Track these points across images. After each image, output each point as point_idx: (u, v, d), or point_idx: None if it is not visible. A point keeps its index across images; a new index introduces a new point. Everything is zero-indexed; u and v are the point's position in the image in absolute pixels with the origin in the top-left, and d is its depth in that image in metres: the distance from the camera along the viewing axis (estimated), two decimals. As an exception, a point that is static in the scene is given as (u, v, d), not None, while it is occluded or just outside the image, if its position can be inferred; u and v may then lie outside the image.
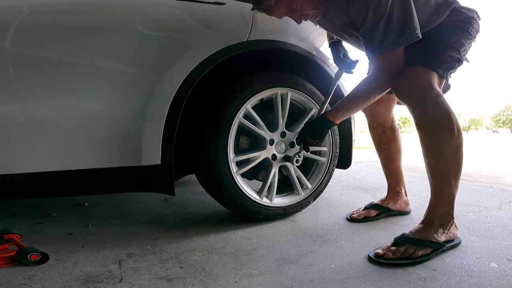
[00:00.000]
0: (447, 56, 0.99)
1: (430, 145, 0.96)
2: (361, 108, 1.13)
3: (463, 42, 1.01)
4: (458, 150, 0.95)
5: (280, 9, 0.97)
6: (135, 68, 1.00)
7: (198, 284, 0.78)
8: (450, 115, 0.93)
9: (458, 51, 1.00)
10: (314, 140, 1.14)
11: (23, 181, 0.93)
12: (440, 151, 0.94)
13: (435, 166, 0.97)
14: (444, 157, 0.95)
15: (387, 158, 1.40)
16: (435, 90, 0.95)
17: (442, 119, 0.93)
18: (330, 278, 0.82)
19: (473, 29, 1.02)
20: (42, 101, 0.92)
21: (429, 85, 0.94)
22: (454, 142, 0.93)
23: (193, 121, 1.17)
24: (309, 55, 1.30)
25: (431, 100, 0.93)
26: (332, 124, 1.11)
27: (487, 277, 0.82)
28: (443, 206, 0.99)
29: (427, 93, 0.94)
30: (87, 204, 1.53)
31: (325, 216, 1.36)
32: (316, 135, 1.13)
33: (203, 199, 1.61)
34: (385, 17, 0.89)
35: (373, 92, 1.04)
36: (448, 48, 0.99)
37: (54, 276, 0.82)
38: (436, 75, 0.97)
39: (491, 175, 2.75)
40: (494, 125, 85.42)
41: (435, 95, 0.94)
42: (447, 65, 0.99)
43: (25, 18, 0.92)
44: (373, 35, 0.93)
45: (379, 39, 0.92)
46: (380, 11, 0.88)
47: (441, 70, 0.98)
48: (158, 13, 1.06)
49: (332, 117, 1.09)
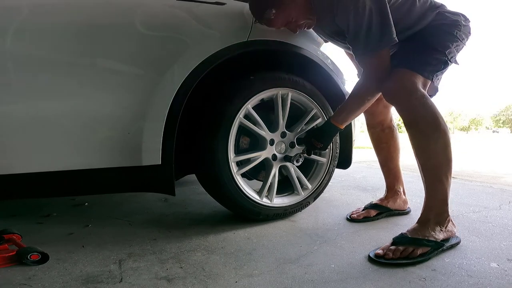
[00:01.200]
0: (433, 59, 1.03)
1: (419, 144, 1.00)
2: (360, 110, 1.16)
3: (449, 45, 1.04)
4: (447, 148, 0.98)
5: (278, 22, 1.08)
6: (135, 68, 1.00)
7: (198, 284, 0.78)
8: (436, 115, 0.97)
9: (444, 54, 1.04)
10: (319, 143, 1.20)
11: (23, 181, 0.93)
12: (429, 149, 0.98)
13: (426, 164, 1.00)
14: (434, 155, 0.98)
15: (385, 157, 1.41)
16: (420, 91, 0.99)
17: (428, 118, 0.97)
18: (330, 278, 0.82)
19: (459, 32, 1.06)
20: (42, 101, 0.92)
21: (414, 86, 0.99)
22: (441, 140, 0.97)
23: (193, 121, 1.17)
24: (310, 56, 1.30)
25: (417, 101, 0.97)
26: (337, 129, 1.18)
27: (487, 277, 0.82)
28: (437, 204, 1.00)
29: (412, 94, 0.98)
30: (87, 204, 1.53)
31: (325, 216, 1.36)
32: (321, 139, 1.20)
33: (203, 199, 1.61)
34: (364, 24, 0.95)
35: (365, 93, 1.10)
36: (433, 51, 1.04)
37: (54, 276, 0.82)
38: (422, 77, 1.01)
39: (491, 175, 2.75)
40: (494, 125, 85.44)
41: (420, 96, 0.98)
42: (432, 68, 1.03)
43: (25, 17, 0.92)
44: (357, 40, 1.00)
45: (363, 44, 0.99)
46: (359, 19, 0.95)
47: (426, 73, 1.02)
48: (158, 13, 1.06)
49: (335, 122, 1.16)
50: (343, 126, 1.17)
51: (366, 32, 0.96)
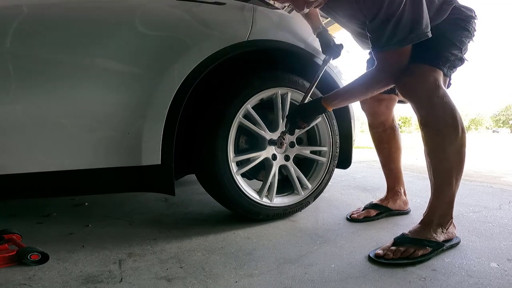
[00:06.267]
0: (451, 54, 0.99)
1: (434, 144, 0.96)
2: (355, 100, 1.14)
3: (464, 41, 1.01)
4: (461, 150, 0.95)
5: None
6: (135, 68, 1.00)
7: (198, 284, 0.78)
8: (456, 115, 0.93)
9: (460, 49, 1.00)
10: (303, 123, 1.15)
11: (23, 181, 0.93)
12: (444, 151, 0.94)
13: (438, 166, 0.97)
14: (447, 158, 0.95)
15: (387, 158, 1.40)
16: (442, 89, 0.94)
17: (448, 119, 0.93)
18: (330, 278, 0.82)
19: (472, 27, 1.03)
20: (42, 101, 0.92)
21: (436, 83, 0.94)
22: (457, 142, 0.93)
23: (193, 121, 1.17)
24: (309, 55, 1.31)
25: (438, 99, 0.93)
26: (324, 110, 1.13)
27: (487, 277, 0.82)
28: (443, 206, 0.99)
29: (434, 92, 0.93)
30: (87, 204, 1.53)
31: (325, 216, 1.36)
32: (306, 118, 1.15)
33: (203, 199, 1.61)
34: (396, 14, 0.88)
35: (374, 86, 1.03)
36: (451, 46, 0.99)
37: (54, 276, 0.82)
38: (442, 73, 0.97)
39: (491, 175, 2.75)
40: (494, 125, 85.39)
41: (442, 94, 0.93)
42: (450, 64, 0.99)
43: (25, 17, 0.92)
44: (382, 31, 0.91)
45: (387, 36, 0.91)
46: (392, 8, 0.87)
47: (445, 69, 0.97)
48: (158, 13, 1.06)
49: (326, 104, 1.10)
50: (331, 109, 1.13)
51: (395, 22, 0.88)
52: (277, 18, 1.28)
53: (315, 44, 1.34)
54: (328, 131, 1.38)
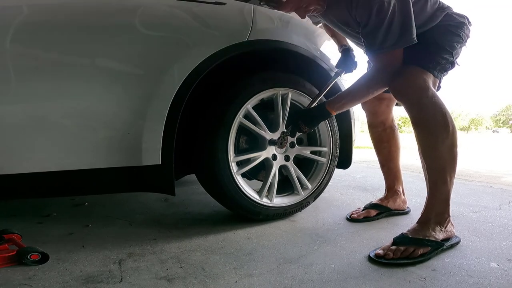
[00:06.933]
0: (442, 58, 1.04)
1: (426, 143, 1.00)
2: (358, 102, 1.17)
3: (455, 46, 1.06)
4: (453, 148, 0.98)
5: (289, 5, 1.05)
6: (135, 68, 1.00)
7: (198, 284, 0.78)
8: (446, 114, 0.97)
9: (451, 54, 1.05)
10: (305, 127, 1.17)
11: (23, 181, 0.93)
12: (436, 149, 0.98)
13: (432, 164, 1.00)
14: (440, 156, 0.98)
15: (386, 157, 1.41)
16: (431, 90, 0.99)
17: (438, 118, 0.97)
18: (330, 278, 0.82)
19: (463, 33, 1.08)
20: (42, 101, 0.92)
21: (425, 85, 0.99)
22: (449, 141, 0.97)
23: (193, 121, 1.17)
24: (310, 55, 1.30)
25: (428, 99, 0.97)
26: (328, 115, 1.15)
27: (487, 277, 0.82)
28: (439, 204, 1.00)
29: (424, 93, 0.98)
30: (87, 204, 1.53)
31: (325, 216, 1.36)
32: (310, 124, 1.17)
33: (203, 199, 1.61)
34: (387, 19, 0.94)
35: (372, 87, 1.08)
36: (442, 50, 1.04)
37: (54, 276, 0.82)
38: (432, 76, 1.01)
39: (491, 174, 2.75)
40: (494, 125, 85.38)
41: (431, 94, 0.98)
42: (441, 67, 1.04)
43: (25, 17, 0.92)
44: (375, 36, 0.98)
45: (380, 40, 0.98)
46: (382, 13, 0.94)
47: (436, 71, 1.02)
48: (158, 13, 1.06)
49: (330, 108, 1.13)
50: (335, 113, 1.15)
51: (386, 28, 0.95)
52: (278, 18, 1.28)
53: (315, 44, 1.34)
54: (328, 132, 1.38)
